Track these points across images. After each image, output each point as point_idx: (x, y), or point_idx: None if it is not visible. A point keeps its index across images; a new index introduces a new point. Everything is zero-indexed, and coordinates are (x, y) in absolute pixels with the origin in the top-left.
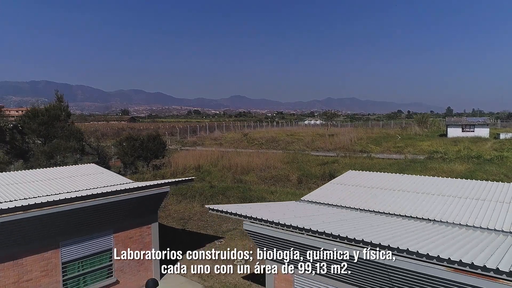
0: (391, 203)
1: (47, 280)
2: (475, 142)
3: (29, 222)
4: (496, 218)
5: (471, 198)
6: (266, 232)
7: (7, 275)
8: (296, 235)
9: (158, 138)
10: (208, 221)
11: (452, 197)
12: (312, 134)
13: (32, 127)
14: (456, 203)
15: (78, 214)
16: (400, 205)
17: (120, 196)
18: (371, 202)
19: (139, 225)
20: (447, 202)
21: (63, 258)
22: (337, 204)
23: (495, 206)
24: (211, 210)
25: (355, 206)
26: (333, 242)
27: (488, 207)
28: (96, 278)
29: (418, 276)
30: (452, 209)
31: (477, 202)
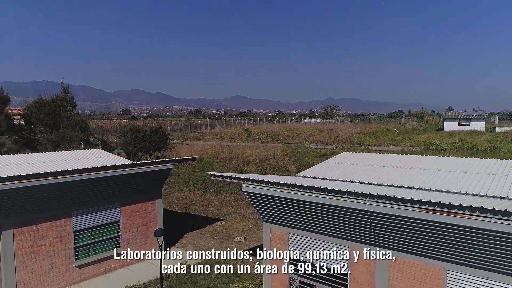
0: (383, 177)
1: (60, 246)
2: (470, 135)
3: (44, 190)
4: (487, 186)
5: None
6: (263, 192)
7: (24, 239)
8: (288, 191)
9: (160, 130)
10: (209, 206)
11: (442, 171)
12: (312, 129)
13: (39, 117)
14: (445, 176)
15: (88, 186)
16: (391, 178)
17: (127, 170)
18: (364, 176)
19: (144, 200)
20: (438, 175)
21: (75, 226)
22: (331, 178)
23: (487, 177)
24: (212, 176)
25: (348, 179)
26: (322, 195)
27: (475, 178)
28: (105, 248)
29: (394, 218)
30: (442, 180)
31: (460, 174)
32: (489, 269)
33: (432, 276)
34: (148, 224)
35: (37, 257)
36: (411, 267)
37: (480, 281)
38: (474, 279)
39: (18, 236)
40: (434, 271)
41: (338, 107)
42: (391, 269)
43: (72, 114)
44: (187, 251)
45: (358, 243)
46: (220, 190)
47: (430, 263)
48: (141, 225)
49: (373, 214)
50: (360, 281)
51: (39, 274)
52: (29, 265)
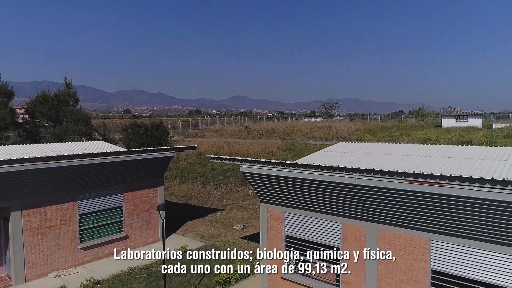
0: (377, 162)
1: (66, 228)
2: (467, 131)
3: (52, 173)
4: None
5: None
6: (259, 171)
7: (32, 220)
8: (283, 170)
9: (161, 126)
10: (209, 198)
11: (434, 157)
12: (311, 127)
13: (43, 111)
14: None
15: (93, 170)
16: (384, 163)
17: (130, 156)
18: (359, 162)
19: (147, 187)
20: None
21: (80, 210)
22: (327, 165)
23: (476, 161)
24: (212, 159)
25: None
26: (315, 172)
27: (464, 162)
28: (108, 232)
29: (382, 190)
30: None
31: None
32: (470, 237)
33: (418, 246)
34: (150, 210)
35: (44, 238)
36: (398, 239)
37: (462, 249)
38: (456, 247)
39: (26, 217)
40: (419, 241)
41: (337, 104)
42: (380, 241)
43: (74, 109)
44: (187, 237)
45: (350, 219)
46: (220, 183)
47: (416, 234)
48: (143, 211)
49: (362, 188)
50: (351, 254)
51: (46, 254)
52: (36, 245)
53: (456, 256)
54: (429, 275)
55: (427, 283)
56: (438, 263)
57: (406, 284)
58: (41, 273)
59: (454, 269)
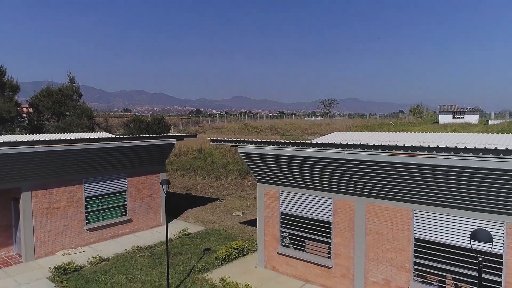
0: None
1: (73, 210)
2: (463, 127)
3: (60, 155)
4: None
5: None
6: (256, 151)
7: (41, 201)
8: (278, 148)
9: (162, 121)
10: (210, 189)
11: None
12: (310, 123)
13: (47, 105)
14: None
15: (99, 155)
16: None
17: (133, 142)
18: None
19: (149, 173)
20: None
21: (86, 193)
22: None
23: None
24: (212, 142)
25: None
26: (307, 149)
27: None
28: (113, 215)
29: (368, 163)
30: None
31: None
32: (448, 206)
33: (402, 217)
34: (152, 196)
35: (52, 218)
36: (384, 211)
37: (441, 216)
38: (435, 215)
39: (35, 198)
40: (403, 212)
41: (335, 101)
42: (368, 214)
43: (78, 103)
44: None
45: (340, 194)
46: (220, 176)
47: (400, 206)
48: (146, 196)
49: (350, 162)
50: (341, 227)
51: (54, 234)
52: (45, 225)
53: (436, 224)
54: (412, 242)
55: (410, 250)
56: (420, 231)
57: (392, 252)
58: (50, 251)
59: (434, 236)
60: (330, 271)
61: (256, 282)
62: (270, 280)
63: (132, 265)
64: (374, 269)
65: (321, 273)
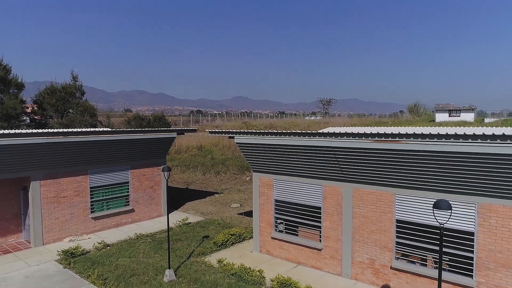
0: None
1: (78, 199)
2: (459, 125)
3: (67, 146)
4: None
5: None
6: (252, 141)
7: (49, 190)
8: (272, 138)
9: (163, 119)
10: (209, 184)
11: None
12: (309, 122)
13: (51, 102)
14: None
15: (103, 147)
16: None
17: (136, 135)
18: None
19: (151, 165)
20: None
21: (91, 183)
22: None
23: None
24: (210, 133)
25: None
26: (298, 138)
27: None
28: (116, 205)
29: (353, 150)
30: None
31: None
32: (426, 189)
33: (385, 200)
34: (154, 187)
35: (59, 207)
36: (369, 195)
37: (420, 199)
38: (415, 198)
39: (44, 186)
40: (386, 196)
41: (334, 100)
42: (354, 199)
43: (81, 101)
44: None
45: (329, 180)
46: (219, 171)
47: (383, 190)
48: (148, 187)
49: (337, 149)
50: (330, 212)
51: (61, 221)
52: (53, 212)
53: (415, 206)
54: (394, 224)
55: (393, 231)
56: (401, 213)
57: (376, 233)
58: (57, 237)
59: (414, 217)
60: (320, 253)
61: (251, 263)
62: (264, 263)
63: (135, 250)
64: (360, 250)
65: (312, 255)
